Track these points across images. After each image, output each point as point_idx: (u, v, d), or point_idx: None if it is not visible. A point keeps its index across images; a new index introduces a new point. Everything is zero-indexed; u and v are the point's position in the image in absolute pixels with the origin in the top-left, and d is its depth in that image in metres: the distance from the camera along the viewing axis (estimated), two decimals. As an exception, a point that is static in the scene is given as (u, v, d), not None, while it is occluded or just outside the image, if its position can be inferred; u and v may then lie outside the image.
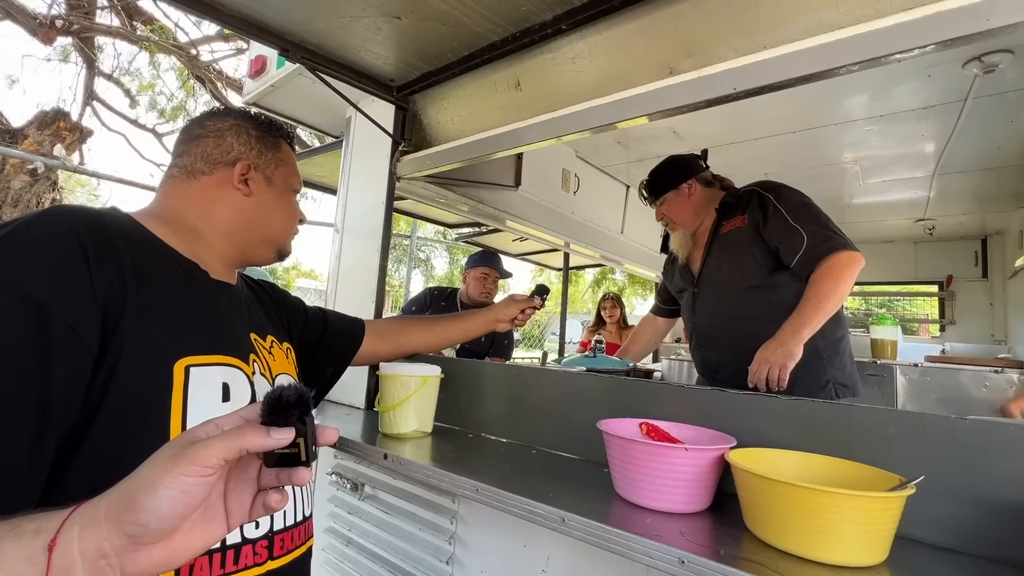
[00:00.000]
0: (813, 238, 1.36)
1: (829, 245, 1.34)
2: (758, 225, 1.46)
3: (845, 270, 1.31)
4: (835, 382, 1.41)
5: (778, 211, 1.42)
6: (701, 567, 0.58)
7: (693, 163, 1.66)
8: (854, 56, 0.82)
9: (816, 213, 1.43)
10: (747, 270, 1.48)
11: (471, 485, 0.85)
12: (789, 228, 1.39)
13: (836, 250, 1.33)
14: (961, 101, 2.02)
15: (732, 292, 1.52)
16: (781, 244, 1.41)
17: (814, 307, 1.29)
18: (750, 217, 1.48)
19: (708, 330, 1.60)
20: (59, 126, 4.05)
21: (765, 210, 1.45)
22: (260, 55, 1.74)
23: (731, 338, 1.52)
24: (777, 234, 1.42)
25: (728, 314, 1.53)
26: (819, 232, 1.36)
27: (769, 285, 1.45)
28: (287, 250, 0.93)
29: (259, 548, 0.70)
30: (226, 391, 0.69)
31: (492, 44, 1.30)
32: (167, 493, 0.41)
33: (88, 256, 0.59)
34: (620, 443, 0.78)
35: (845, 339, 1.49)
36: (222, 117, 0.84)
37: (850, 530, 0.58)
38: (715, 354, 1.59)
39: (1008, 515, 0.63)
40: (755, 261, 1.46)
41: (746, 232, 1.48)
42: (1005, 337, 3.74)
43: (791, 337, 1.26)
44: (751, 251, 1.47)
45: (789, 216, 1.40)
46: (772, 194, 1.47)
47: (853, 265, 1.32)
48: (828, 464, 0.72)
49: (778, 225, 1.41)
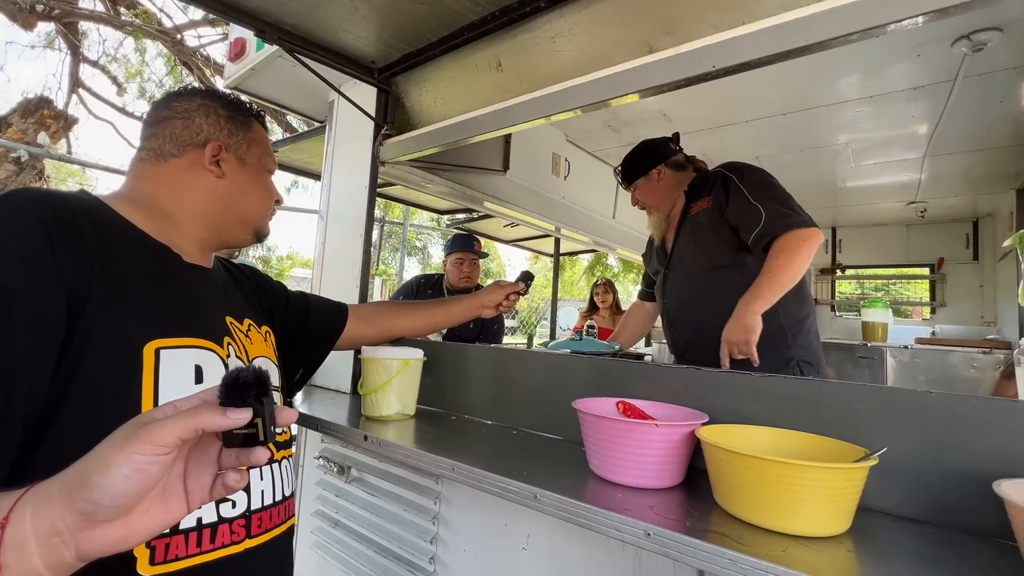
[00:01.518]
0: (770, 215, 1.37)
1: (785, 222, 1.36)
2: (721, 205, 1.48)
3: (801, 244, 1.32)
4: (799, 360, 1.44)
5: (740, 190, 1.44)
6: (666, 539, 0.59)
7: (663, 147, 1.68)
8: (834, 30, 0.81)
9: (777, 192, 1.44)
10: (712, 250, 1.50)
11: (448, 464, 0.85)
12: (748, 205, 1.41)
13: (792, 227, 1.34)
14: (951, 81, 2.01)
15: (698, 272, 1.54)
16: (739, 221, 1.43)
17: (768, 280, 1.30)
18: (714, 198, 1.50)
19: (676, 310, 1.63)
20: (43, 114, 3.99)
21: (728, 190, 1.47)
22: (240, 37, 1.71)
23: (698, 317, 1.54)
24: (736, 211, 1.44)
25: (694, 294, 1.56)
26: (777, 209, 1.38)
27: (735, 265, 1.47)
28: (265, 231, 0.92)
29: (236, 527, 0.70)
30: (199, 373, 0.69)
31: (472, 23, 1.28)
32: (120, 471, 0.41)
33: (52, 239, 0.58)
34: (593, 420, 0.79)
35: (810, 318, 1.50)
36: (189, 97, 0.82)
37: (813, 501, 0.58)
38: (683, 333, 1.61)
39: (968, 485, 0.64)
40: (720, 241, 1.48)
41: (711, 213, 1.50)
42: (994, 319, 3.77)
43: (745, 310, 1.29)
44: (716, 232, 1.49)
45: (750, 195, 1.42)
46: (735, 174, 1.49)
47: (810, 240, 1.33)
48: (797, 439, 0.73)
49: (738, 203, 1.44)
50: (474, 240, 2.74)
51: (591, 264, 9.02)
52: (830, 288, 4.54)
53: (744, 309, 1.29)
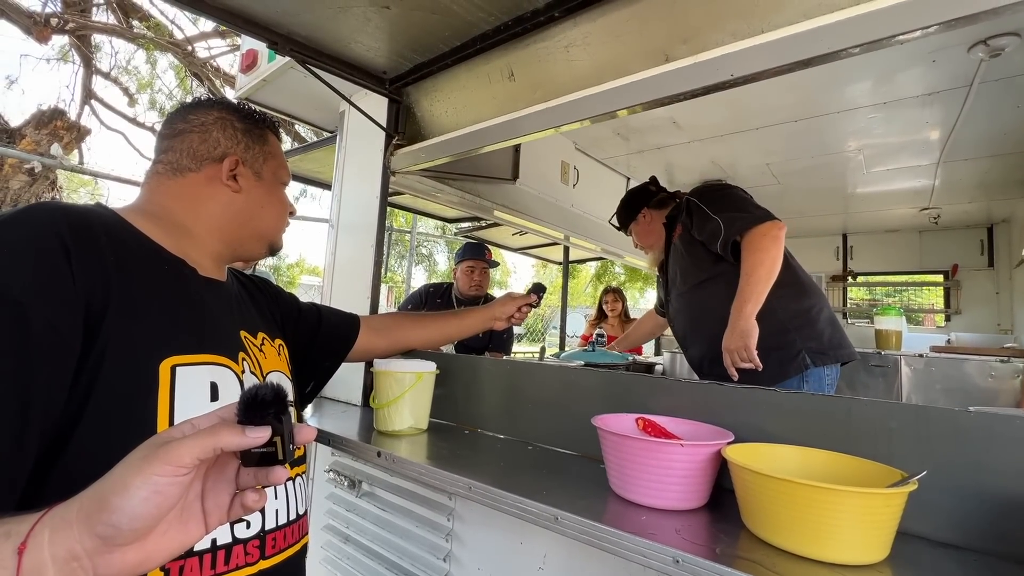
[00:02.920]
0: (727, 222, 1.46)
1: (741, 224, 1.43)
2: (688, 227, 1.61)
3: (763, 239, 1.39)
4: (809, 351, 1.44)
5: (700, 207, 1.56)
6: (696, 566, 0.57)
7: (642, 193, 1.85)
8: (855, 38, 0.79)
9: (732, 199, 1.54)
10: (692, 268, 1.61)
11: (464, 483, 0.83)
12: (708, 220, 1.52)
13: (748, 226, 1.42)
14: (967, 86, 1.98)
15: (688, 291, 1.65)
16: (704, 236, 1.53)
17: (747, 282, 1.36)
18: (683, 223, 1.64)
19: (683, 331, 1.74)
20: (56, 125, 4.04)
21: (692, 212, 1.59)
22: (251, 49, 1.72)
23: (701, 331, 1.63)
24: (700, 229, 1.55)
25: (691, 312, 1.67)
26: (731, 216, 1.47)
27: (716, 275, 1.55)
28: (278, 244, 0.92)
29: (250, 548, 0.69)
30: (214, 391, 0.68)
31: (484, 33, 1.27)
32: (139, 493, 0.40)
33: (70, 254, 0.58)
34: (615, 439, 0.76)
35: (816, 307, 1.51)
36: (205, 109, 0.82)
37: (850, 528, 0.56)
38: (695, 351, 1.68)
39: (1013, 509, 0.61)
40: (697, 258, 1.59)
41: (684, 236, 1.64)
42: (1011, 326, 3.70)
43: (738, 316, 1.35)
44: (692, 251, 1.61)
45: (708, 210, 1.53)
46: (696, 196, 1.60)
47: (771, 233, 1.39)
48: (828, 459, 0.70)
49: (700, 221, 1.55)
50: (485, 249, 2.74)
51: (598, 272, 8.99)
52: (842, 295, 4.49)
53: (736, 316, 1.35)
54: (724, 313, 1.41)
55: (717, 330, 1.43)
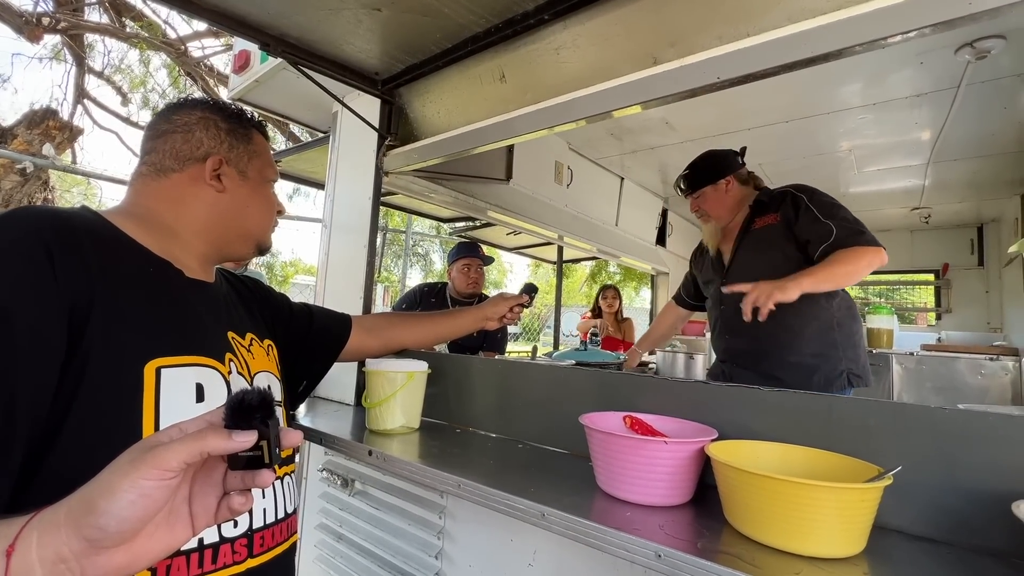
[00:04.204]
0: (842, 231, 1.43)
1: (856, 239, 1.40)
2: (790, 222, 1.53)
3: (865, 255, 1.37)
4: (849, 372, 1.50)
5: (809, 209, 1.50)
6: (677, 560, 0.58)
7: (732, 160, 1.73)
8: (838, 43, 0.81)
9: (846, 213, 1.49)
10: (777, 263, 1.54)
11: (454, 481, 0.84)
12: (819, 223, 1.47)
13: (862, 244, 1.40)
14: (954, 88, 2.00)
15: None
16: (811, 237, 1.48)
17: (823, 268, 1.36)
18: (783, 215, 1.56)
19: (735, 319, 1.66)
20: (48, 125, 4.01)
21: (797, 208, 1.53)
22: (244, 50, 1.72)
23: (757, 326, 1.57)
24: (807, 229, 1.49)
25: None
26: (849, 227, 1.43)
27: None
28: (266, 244, 0.91)
29: (238, 547, 0.69)
30: (200, 392, 0.69)
31: (475, 35, 1.28)
32: (126, 496, 0.40)
33: (54, 258, 0.58)
34: (601, 437, 0.78)
35: (859, 332, 1.58)
36: (189, 110, 0.81)
37: (827, 522, 0.57)
38: (740, 341, 1.66)
39: (986, 503, 0.63)
40: (784, 256, 1.54)
41: (778, 229, 1.56)
42: (1001, 325, 3.74)
43: (790, 279, 1.33)
44: (782, 247, 1.54)
45: (820, 213, 1.48)
46: (805, 194, 1.55)
47: (874, 256, 1.37)
48: (808, 455, 0.72)
49: (809, 221, 1.49)
50: (478, 246, 2.75)
51: (593, 271, 9.02)
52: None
53: (789, 278, 1.32)
54: (789, 320, 1.44)
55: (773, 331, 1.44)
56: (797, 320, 1.45)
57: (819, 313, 1.50)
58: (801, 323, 1.44)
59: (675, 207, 3.88)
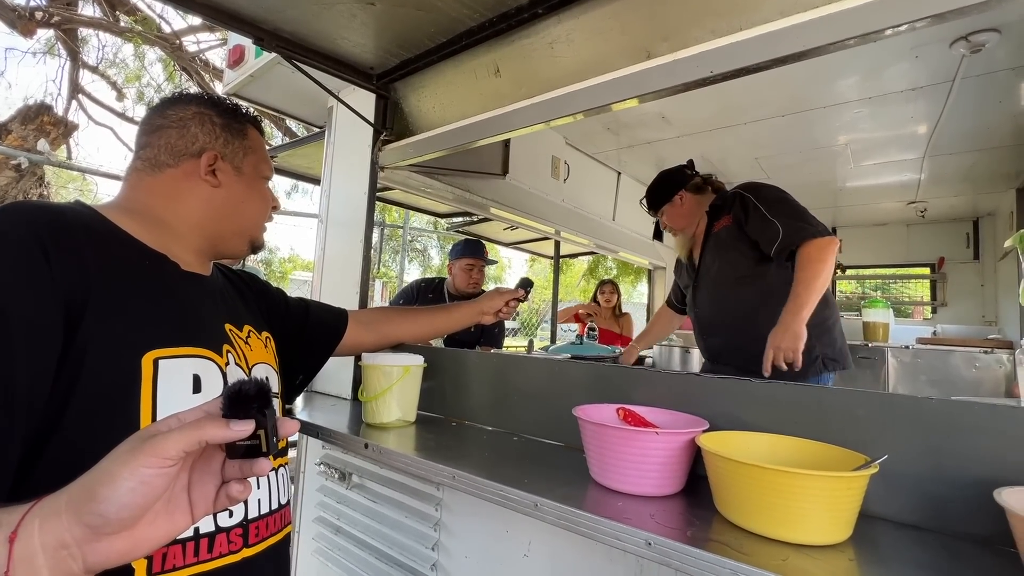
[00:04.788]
0: (787, 228, 1.51)
1: (802, 235, 1.49)
2: (741, 223, 1.62)
3: (822, 252, 1.46)
4: (824, 357, 1.56)
5: (757, 208, 1.59)
6: (667, 548, 0.59)
7: (679, 175, 1.84)
8: (830, 36, 0.81)
9: (791, 207, 1.58)
10: (736, 263, 1.64)
11: (449, 473, 0.85)
12: (766, 222, 1.55)
13: (808, 238, 1.48)
14: (949, 81, 2.00)
15: (725, 284, 1.68)
16: (760, 237, 1.57)
17: (805, 290, 1.43)
18: (734, 216, 1.65)
19: (708, 319, 1.77)
20: (43, 120, 3.99)
21: (746, 208, 1.61)
22: (238, 44, 1.71)
23: (729, 325, 1.68)
24: (756, 228, 1.58)
25: (724, 304, 1.70)
26: (792, 223, 1.52)
27: (757, 275, 1.61)
28: (260, 241, 0.91)
29: (233, 536, 0.70)
30: (197, 383, 0.69)
31: (470, 30, 1.28)
32: (126, 484, 0.41)
33: (48, 252, 0.58)
34: (594, 428, 0.79)
35: (832, 318, 1.64)
36: (184, 105, 0.81)
37: (814, 510, 0.58)
38: (716, 340, 1.75)
39: (969, 492, 0.64)
40: (741, 255, 1.62)
41: (732, 230, 1.65)
42: (996, 318, 3.76)
43: (793, 319, 1.39)
44: (737, 246, 1.63)
45: (767, 212, 1.56)
46: (752, 193, 1.62)
47: (829, 247, 1.47)
48: (797, 445, 0.73)
49: (757, 220, 1.58)
50: (484, 247, 2.75)
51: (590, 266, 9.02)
52: (831, 288, 4.53)
53: (791, 318, 1.39)
54: (756, 312, 1.53)
55: (744, 326, 1.56)
56: (763, 311, 1.50)
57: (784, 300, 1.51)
58: (768, 313, 1.47)
59: (672, 202, 3.88)
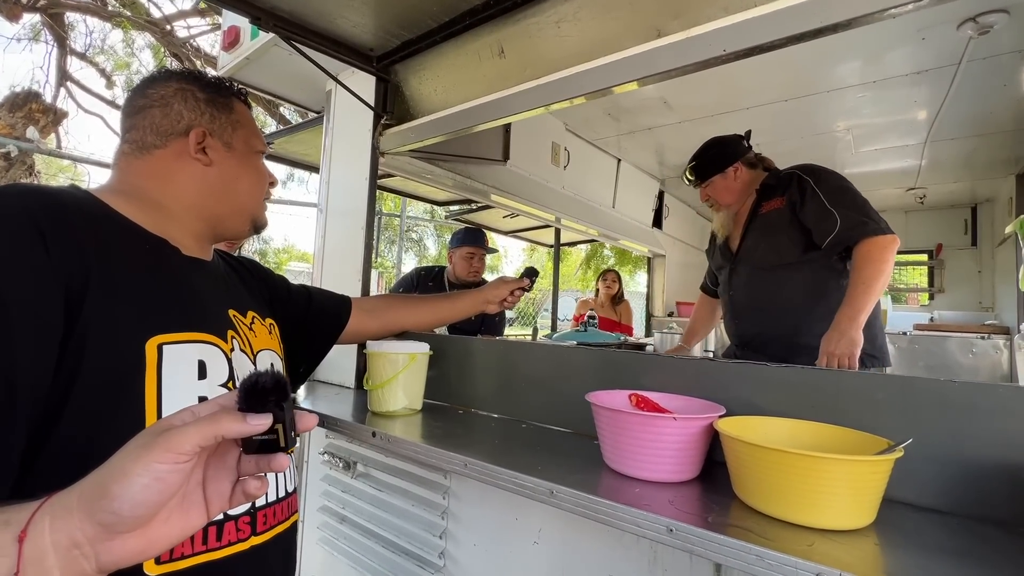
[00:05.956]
0: (846, 221, 1.40)
1: (862, 230, 1.38)
2: (795, 206, 1.50)
3: (884, 252, 1.36)
4: (866, 355, 1.47)
5: (815, 193, 1.47)
6: (690, 535, 0.58)
7: (738, 145, 1.69)
8: (848, 12, 0.79)
9: (853, 198, 1.46)
10: (782, 249, 1.53)
11: (460, 460, 0.84)
12: (824, 210, 1.44)
13: (869, 235, 1.37)
14: (955, 65, 1.98)
15: (766, 269, 1.58)
16: (815, 226, 1.46)
17: (863, 293, 1.33)
18: (788, 199, 1.53)
19: (743, 303, 1.67)
20: (32, 108, 3.91)
21: (803, 192, 1.50)
22: (233, 26, 1.67)
23: (765, 311, 1.60)
24: (812, 215, 1.46)
25: (762, 288, 1.60)
26: (853, 216, 1.40)
27: (803, 263, 1.51)
28: (262, 220, 0.89)
29: (242, 524, 0.69)
30: (202, 369, 0.67)
31: (473, 8, 1.24)
32: (140, 480, 0.39)
33: (44, 236, 0.56)
34: (609, 414, 0.77)
35: (874, 312, 1.52)
36: (164, 82, 0.78)
37: (838, 494, 0.57)
38: (750, 326, 1.65)
39: (993, 475, 0.63)
40: (790, 240, 1.52)
41: (784, 213, 1.53)
42: (992, 304, 3.78)
43: (849, 325, 1.30)
44: (787, 231, 1.52)
45: (826, 199, 1.45)
46: (812, 177, 1.51)
47: (890, 247, 1.37)
48: (817, 430, 0.72)
49: (814, 207, 1.46)
50: (485, 236, 2.73)
51: (588, 255, 9.01)
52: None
53: (848, 323, 1.30)
54: (797, 302, 1.45)
55: (781, 315, 1.49)
56: (806, 301, 1.43)
57: (828, 293, 1.46)
58: (810, 304, 1.41)
59: (672, 189, 3.86)
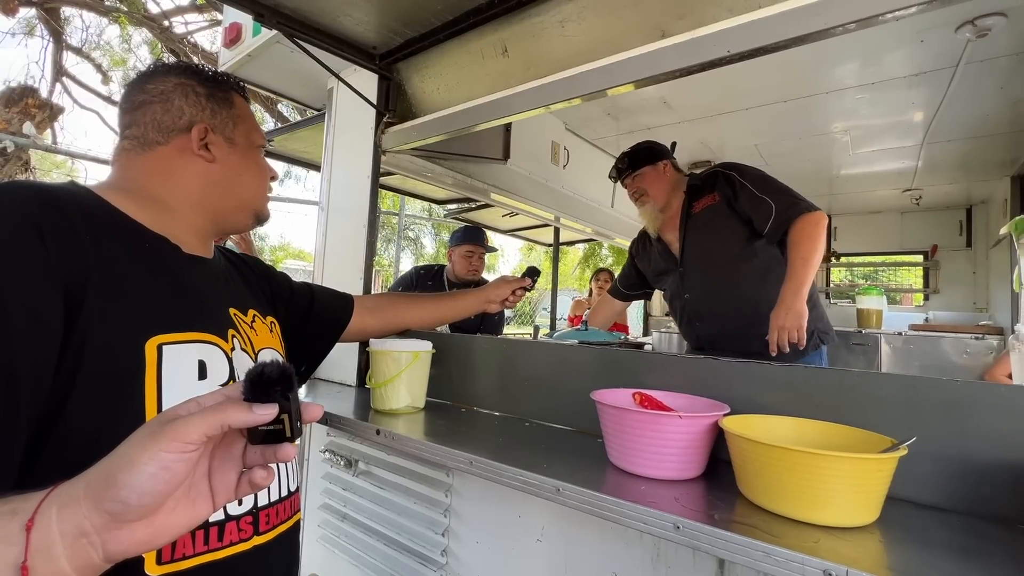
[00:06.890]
0: (779, 204, 1.52)
1: (796, 209, 1.50)
2: (729, 200, 1.60)
3: (816, 228, 1.46)
4: (819, 331, 1.58)
5: (744, 185, 1.58)
6: (696, 531, 0.59)
7: (667, 149, 1.82)
8: (854, 13, 0.79)
9: (777, 185, 1.58)
10: (728, 242, 1.62)
11: (465, 458, 0.84)
12: (756, 199, 1.55)
13: (802, 213, 1.48)
14: (953, 67, 2.00)
15: (718, 265, 1.65)
16: (754, 213, 1.56)
17: (803, 267, 1.42)
18: (720, 194, 1.63)
19: (701, 304, 1.72)
20: (27, 103, 3.88)
21: (732, 186, 1.60)
22: (235, 22, 1.66)
23: (725, 309, 1.65)
24: (748, 204, 1.57)
25: (719, 286, 1.66)
26: (784, 199, 1.52)
27: (749, 252, 1.59)
28: (264, 213, 0.88)
29: (243, 524, 0.69)
30: (202, 369, 0.67)
31: (478, 7, 1.24)
32: (147, 469, 0.40)
33: (43, 234, 0.56)
34: (614, 412, 0.78)
35: (815, 293, 1.65)
36: (163, 77, 0.77)
37: (843, 492, 0.58)
38: (711, 326, 1.71)
39: (994, 473, 0.64)
40: (732, 232, 1.61)
41: (719, 208, 1.63)
42: (987, 305, 3.81)
43: (795, 299, 1.38)
44: (728, 224, 1.61)
45: (755, 189, 1.56)
46: (735, 171, 1.62)
47: (821, 222, 1.48)
48: (820, 428, 0.72)
49: (747, 196, 1.57)
50: (484, 234, 2.73)
51: (586, 254, 9.03)
52: (825, 275, 4.58)
53: (792, 297, 1.39)
54: (753, 293, 1.53)
55: (742, 307, 1.55)
56: (759, 292, 1.50)
57: (777, 281, 1.51)
58: (763, 294, 1.47)
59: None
